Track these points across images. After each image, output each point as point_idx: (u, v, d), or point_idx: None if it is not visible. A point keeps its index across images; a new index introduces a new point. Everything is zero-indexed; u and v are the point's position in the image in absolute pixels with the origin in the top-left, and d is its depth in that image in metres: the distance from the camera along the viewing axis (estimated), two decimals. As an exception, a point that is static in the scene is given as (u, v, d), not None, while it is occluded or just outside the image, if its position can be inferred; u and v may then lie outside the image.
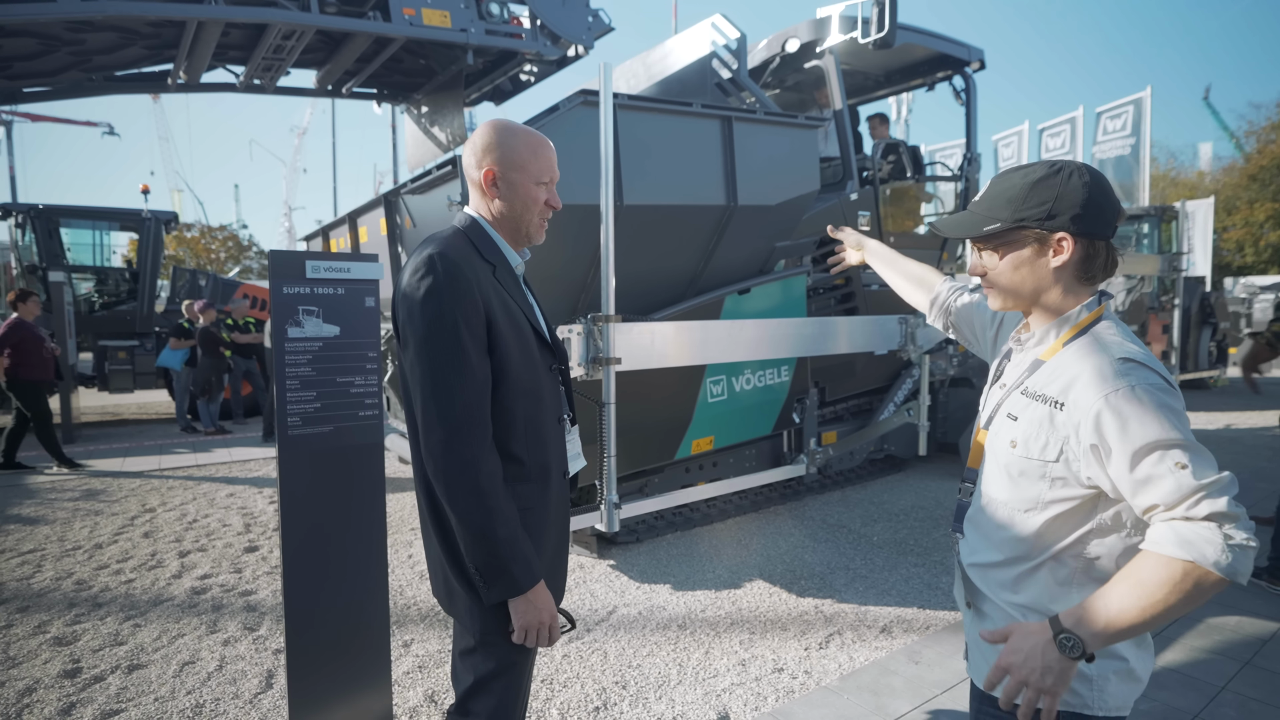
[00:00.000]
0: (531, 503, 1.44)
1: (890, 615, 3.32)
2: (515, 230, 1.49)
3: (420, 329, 1.32)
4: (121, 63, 4.38)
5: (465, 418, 1.31)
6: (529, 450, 1.43)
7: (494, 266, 1.43)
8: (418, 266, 1.35)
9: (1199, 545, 0.96)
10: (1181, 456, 1.02)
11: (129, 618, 3.37)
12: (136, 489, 5.89)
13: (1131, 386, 1.05)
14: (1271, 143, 27.91)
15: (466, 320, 1.32)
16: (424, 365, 1.32)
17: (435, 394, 1.31)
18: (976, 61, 6.06)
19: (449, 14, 4.30)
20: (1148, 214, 10.68)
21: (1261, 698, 2.59)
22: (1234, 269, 27.22)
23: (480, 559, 1.33)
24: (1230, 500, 1.00)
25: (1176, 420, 1.04)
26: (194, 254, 36.74)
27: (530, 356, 1.44)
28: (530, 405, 1.43)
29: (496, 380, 1.37)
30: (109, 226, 10.76)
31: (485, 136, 1.45)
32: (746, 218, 3.82)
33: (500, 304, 1.39)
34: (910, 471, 5.99)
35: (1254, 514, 4.75)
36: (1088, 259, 1.17)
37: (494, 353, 1.37)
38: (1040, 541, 1.16)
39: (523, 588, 1.34)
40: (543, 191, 1.48)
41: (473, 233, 1.46)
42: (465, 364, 1.31)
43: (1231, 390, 11.51)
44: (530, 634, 1.38)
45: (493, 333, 1.36)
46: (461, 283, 1.33)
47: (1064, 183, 1.15)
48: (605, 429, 2.67)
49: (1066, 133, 15.93)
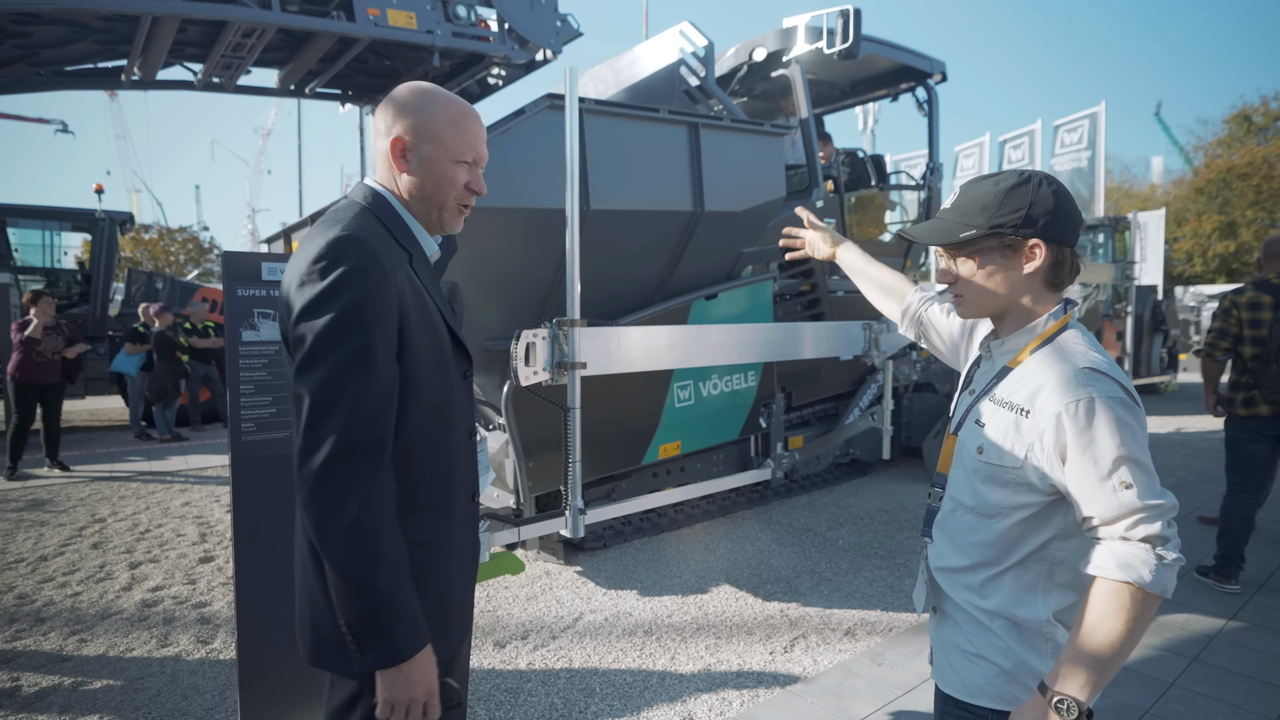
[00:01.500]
0: (431, 535, 1.23)
1: (854, 618, 3.35)
2: (426, 213, 1.28)
3: (322, 326, 1.08)
4: (72, 57, 4.23)
5: (360, 438, 1.07)
6: (433, 472, 1.22)
7: (410, 254, 1.22)
8: (322, 252, 1.11)
9: (1136, 567, 1.01)
10: (1128, 475, 1.05)
11: (74, 633, 3.24)
12: (86, 498, 5.68)
13: (1091, 398, 1.07)
14: (1218, 157, 29.10)
15: (379, 319, 1.10)
16: (321, 371, 1.08)
17: (330, 407, 1.07)
18: (938, 74, 6.20)
19: (415, 15, 4.25)
20: (1103, 224, 11.04)
21: (1208, 692, 2.67)
22: (1184, 278, 28.24)
23: (354, 615, 1.07)
24: (1164, 524, 1.04)
25: (1130, 436, 1.06)
26: (152, 256, 35.69)
27: (444, 363, 1.24)
28: (439, 419, 1.23)
29: (404, 391, 1.16)
30: (60, 227, 10.40)
31: (399, 98, 1.25)
32: (713, 223, 3.84)
33: (415, 300, 1.18)
34: (875, 475, 6.07)
35: (1201, 515, 4.92)
36: (1056, 265, 1.20)
37: (403, 359, 1.15)
38: (1007, 547, 1.18)
39: (403, 655, 1.09)
40: (463, 172, 1.26)
41: (382, 212, 1.23)
42: (373, 373, 1.09)
43: (1182, 395, 11.91)
44: (398, 712, 1.11)
45: (404, 335, 1.15)
46: (377, 274, 1.11)
47: (1035, 190, 1.17)
48: (570, 434, 2.65)
49: (1026, 144, 16.39)
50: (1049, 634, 1.15)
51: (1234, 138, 29.55)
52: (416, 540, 1.19)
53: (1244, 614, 3.36)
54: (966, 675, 1.23)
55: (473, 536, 1.38)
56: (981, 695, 1.20)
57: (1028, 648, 1.16)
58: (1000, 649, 1.18)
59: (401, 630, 1.09)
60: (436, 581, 1.24)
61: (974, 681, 1.21)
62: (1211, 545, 3.89)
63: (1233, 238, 27.67)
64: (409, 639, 1.10)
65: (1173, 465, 6.60)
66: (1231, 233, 27.74)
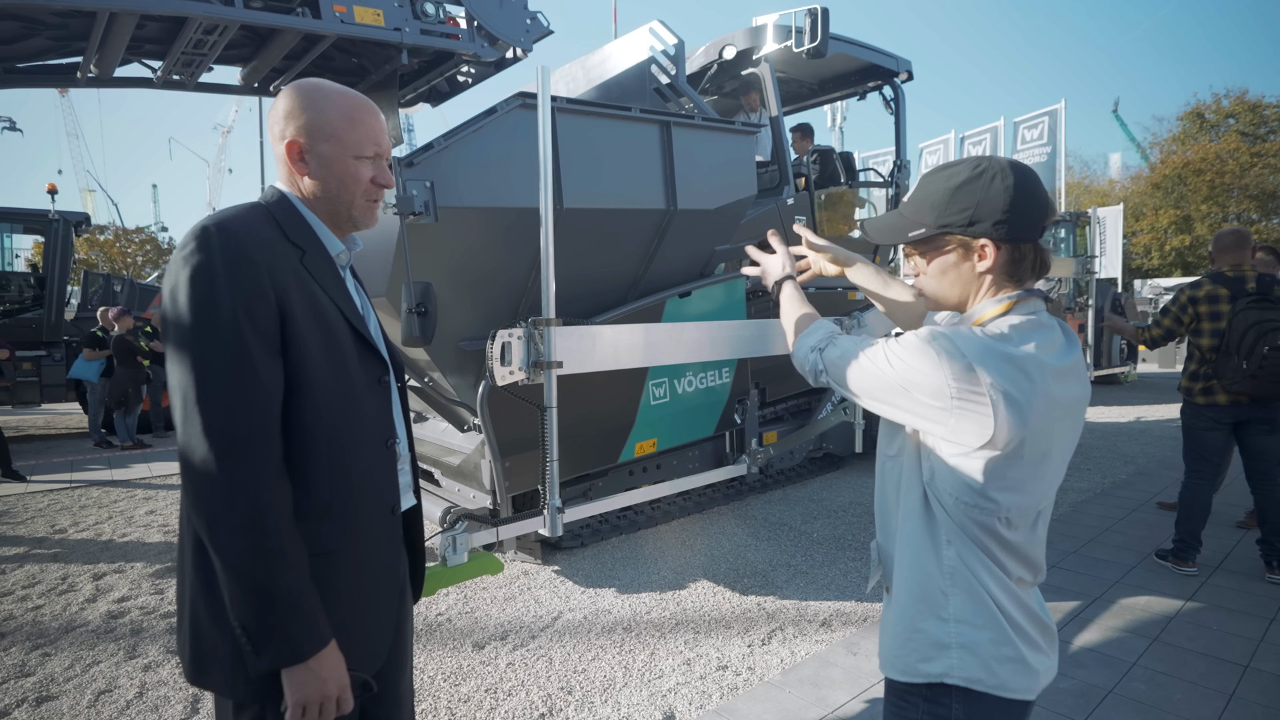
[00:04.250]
0: (333, 545, 1.16)
1: (830, 609, 3.41)
2: (334, 213, 1.25)
3: (186, 318, 1.04)
4: (23, 54, 4.07)
5: (242, 435, 1.03)
6: (332, 479, 1.16)
7: (303, 251, 1.19)
8: (186, 240, 1.07)
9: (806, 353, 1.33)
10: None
11: (37, 647, 3.15)
12: (44, 509, 5.51)
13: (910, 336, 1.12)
14: (1173, 154, 30.04)
15: (249, 309, 1.05)
16: (188, 365, 1.03)
17: (203, 403, 1.02)
18: (905, 73, 6.30)
19: (382, 12, 4.18)
20: (1064, 220, 11.33)
21: (1168, 671, 2.77)
22: (1142, 272, 29.11)
23: (249, 615, 1.03)
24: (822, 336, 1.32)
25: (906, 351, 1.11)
26: (108, 258, 34.67)
27: (342, 362, 1.19)
28: (338, 422, 1.17)
29: (289, 389, 1.11)
30: (10, 228, 10.06)
31: (286, 100, 1.20)
32: (686, 221, 3.86)
33: (303, 295, 1.14)
34: (848, 469, 6.17)
35: (1160, 500, 5.09)
36: (1014, 262, 1.16)
37: (287, 355, 1.11)
38: (899, 495, 1.20)
39: (304, 653, 1.06)
40: (366, 167, 1.24)
41: (279, 209, 1.21)
42: (245, 365, 1.04)
43: (1141, 385, 12.28)
44: (310, 712, 1.08)
45: (287, 329, 1.10)
46: (242, 263, 1.07)
47: (985, 188, 1.13)
48: (548, 433, 2.65)
49: (988, 141, 16.71)
50: (943, 597, 1.12)
51: (1188, 134, 30.53)
52: (314, 550, 1.13)
53: (1200, 594, 3.48)
54: (882, 648, 1.23)
55: (391, 550, 1.29)
56: (886, 666, 1.21)
57: (925, 609, 1.14)
58: (899, 615, 1.18)
59: (301, 628, 1.06)
60: (344, 597, 1.18)
61: (884, 652, 1.22)
62: (1170, 530, 4.03)
63: (1188, 232, 28.59)
64: (311, 636, 1.07)
65: (1133, 453, 6.81)
66: (1187, 227, 28.66)
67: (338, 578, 1.17)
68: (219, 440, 1.02)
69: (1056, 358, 1.10)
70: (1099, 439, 7.49)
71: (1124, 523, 4.65)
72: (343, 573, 1.18)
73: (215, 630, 1.11)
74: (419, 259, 2.85)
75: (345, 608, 1.18)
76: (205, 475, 1.02)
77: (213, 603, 1.10)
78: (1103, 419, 8.78)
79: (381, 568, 1.27)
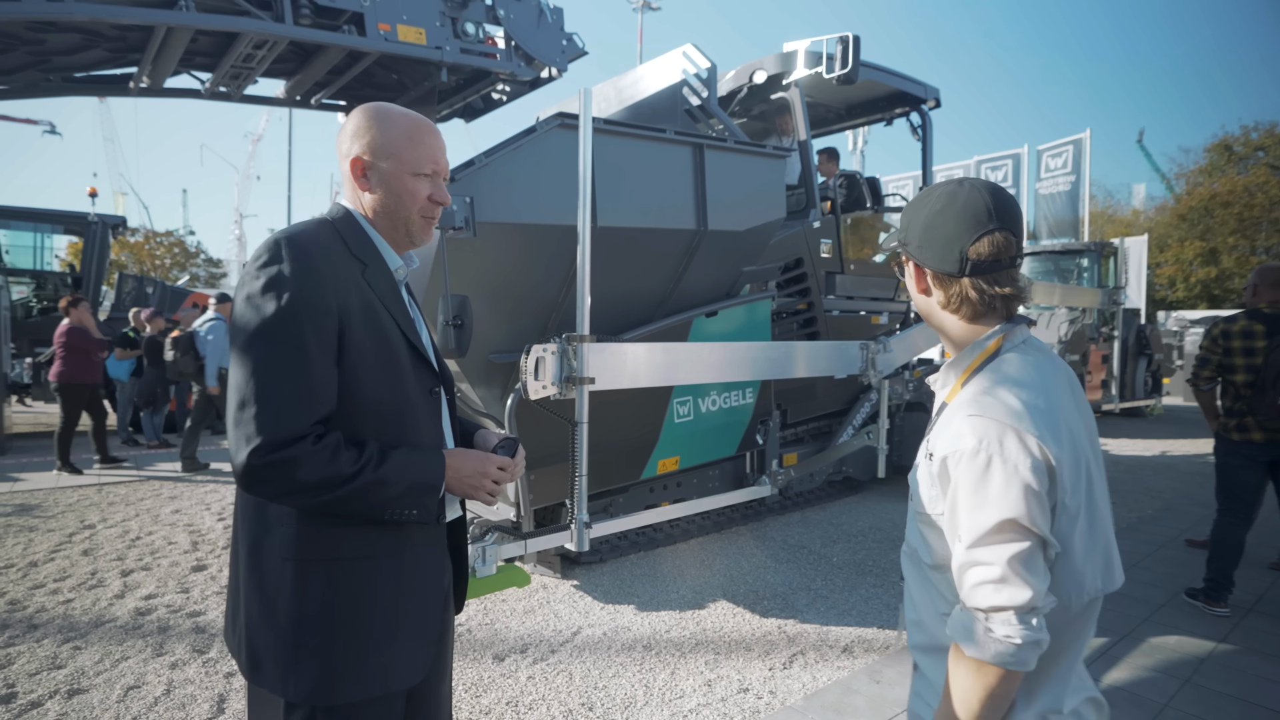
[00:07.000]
0: (375, 550, 1.19)
1: (851, 635, 3.38)
2: (393, 228, 1.31)
3: (254, 322, 1.10)
4: (82, 64, 4.24)
5: (282, 438, 1.07)
6: None
7: (365, 265, 1.25)
8: (260, 252, 1.15)
9: (987, 645, 0.93)
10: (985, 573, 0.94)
11: (68, 639, 3.21)
12: (74, 504, 5.62)
13: (975, 451, 0.96)
14: (1199, 185, 29.74)
15: (313, 319, 1.12)
16: (252, 364, 1.09)
17: (260, 402, 1.08)
18: (933, 99, 6.33)
19: (424, 31, 4.31)
20: (1088, 249, 11.22)
21: (1201, 714, 2.71)
22: (1166, 303, 28.71)
23: (381, 510, 1.15)
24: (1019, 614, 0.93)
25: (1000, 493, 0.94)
26: (137, 259, 35.40)
27: (397, 375, 1.23)
28: (389, 433, 1.21)
29: (343, 395, 1.16)
30: (51, 229, 10.34)
31: (354, 121, 1.27)
32: (715, 242, 3.90)
33: (363, 308, 1.19)
34: (867, 493, 6.12)
35: (1189, 538, 5.00)
36: (949, 296, 1.06)
37: (342, 365, 1.16)
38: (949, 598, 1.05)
39: (436, 482, 1.21)
40: (424, 184, 1.29)
41: (343, 224, 1.28)
42: (307, 368, 1.10)
43: (1167, 418, 12.09)
44: (486, 484, 1.26)
45: (345, 340, 1.16)
46: (312, 274, 1.13)
47: (920, 205, 1.08)
48: (578, 448, 2.67)
49: (1009, 167, 16.60)
50: None
51: (1215, 166, 30.21)
52: (356, 554, 1.17)
53: (1234, 637, 3.41)
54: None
55: (436, 559, 1.32)
56: None
57: None
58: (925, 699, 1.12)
59: (420, 474, 1.19)
60: (389, 603, 1.21)
61: None
62: (1200, 568, 3.96)
63: (1214, 264, 28.20)
64: (425, 471, 1.20)
65: (1159, 487, 6.70)
66: (1213, 259, 28.28)
67: (385, 583, 1.21)
68: (263, 444, 1.07)
69: None
70: (1124, 472, 7.38)
71: (1151, 559, 4.57)
72: (390, 579, 1.22)
73: (266, 630, 1.15)
74: (457, 272, 2.91)
75: (391, 613, 1.21)
76: (254, 473, 1.08)
77: (265, 603, 1.15)
78: (1128, 452, 8.65)
79: (427, 576, 1.30)
